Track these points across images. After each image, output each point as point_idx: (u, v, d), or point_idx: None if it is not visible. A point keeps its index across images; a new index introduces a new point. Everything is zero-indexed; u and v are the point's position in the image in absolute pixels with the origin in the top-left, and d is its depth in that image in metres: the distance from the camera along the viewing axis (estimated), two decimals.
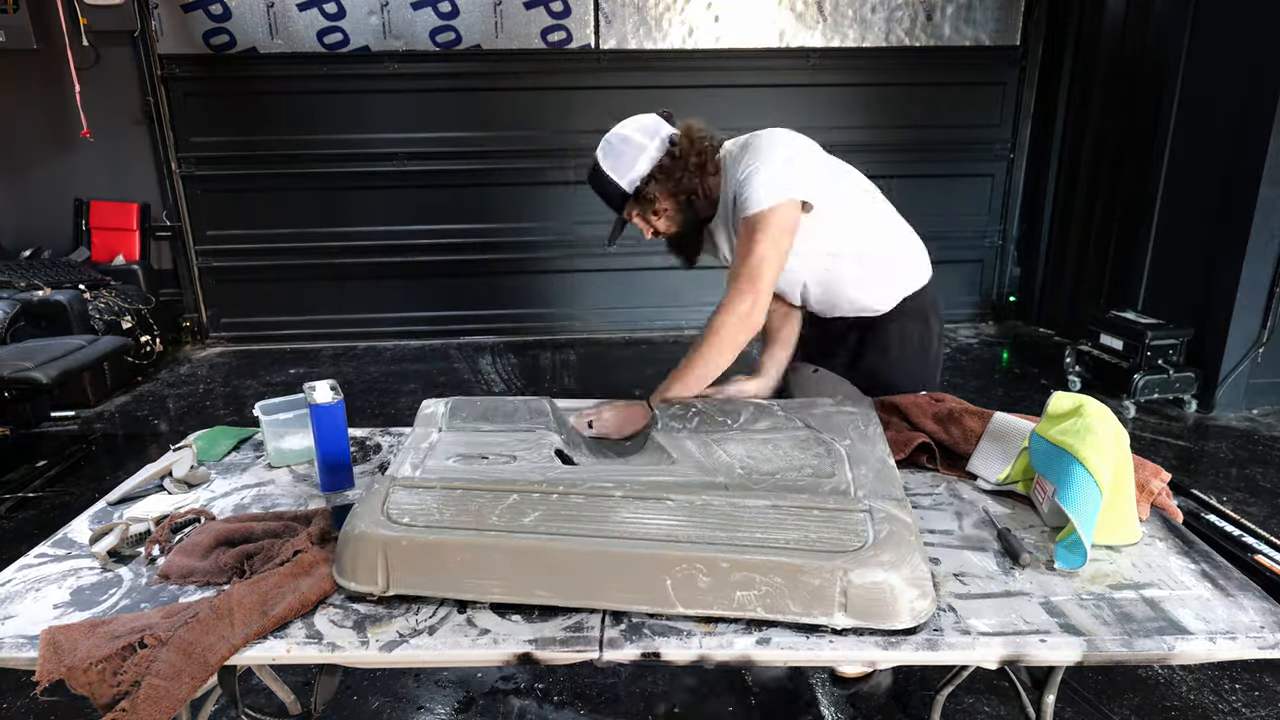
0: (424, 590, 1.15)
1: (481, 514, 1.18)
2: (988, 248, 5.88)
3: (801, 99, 5.42)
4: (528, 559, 1.12)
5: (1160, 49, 4.46)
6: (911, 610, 1.07)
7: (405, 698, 2.16)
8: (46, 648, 1.04)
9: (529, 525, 1.16)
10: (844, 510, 1.18)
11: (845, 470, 1.35)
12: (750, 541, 1.11)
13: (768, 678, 2.21)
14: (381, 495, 1.22)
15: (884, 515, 1.16)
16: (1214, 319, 4.07)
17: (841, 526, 1.14)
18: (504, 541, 1.13)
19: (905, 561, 1.09)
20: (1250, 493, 3.26)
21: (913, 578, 1.08)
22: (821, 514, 1.17)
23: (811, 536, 1.12)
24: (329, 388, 1.52)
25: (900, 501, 1.23)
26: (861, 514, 1.17)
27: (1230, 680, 2.19)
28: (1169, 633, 1.08)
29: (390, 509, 1.19)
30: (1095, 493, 1.22)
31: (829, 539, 1.12)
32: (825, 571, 1.07)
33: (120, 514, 1.45)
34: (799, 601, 1.07)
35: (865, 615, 1.06)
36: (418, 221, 5.56)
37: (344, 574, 1.16)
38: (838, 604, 1.06)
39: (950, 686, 1.91)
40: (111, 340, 3.89)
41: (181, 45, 5.09)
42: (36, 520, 3.13)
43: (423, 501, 1.21)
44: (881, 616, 1.06)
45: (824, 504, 1.19)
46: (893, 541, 1.11)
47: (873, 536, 1.12)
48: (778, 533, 1.13)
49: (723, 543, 1.11)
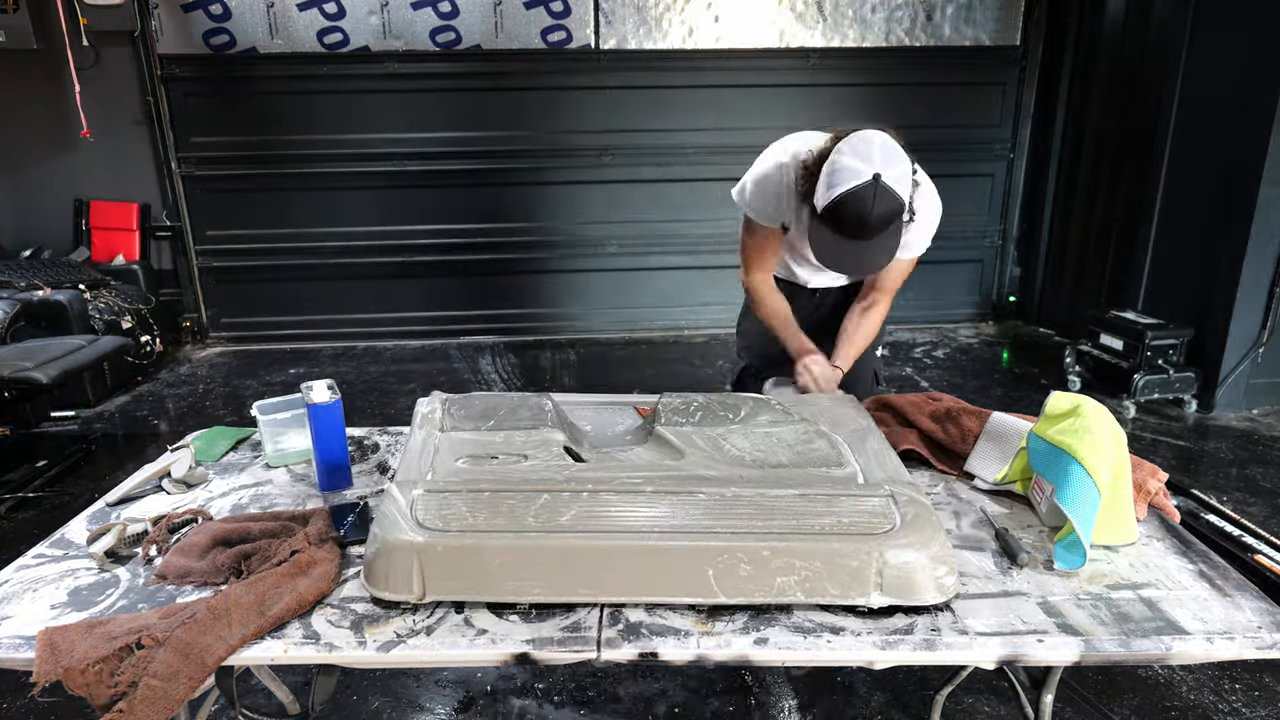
0: (463, 595, 1.14)
1: (516, 515, 1.17)
2: (988, 248, 5.88)
3: (801, 99, 5.41)
4: (569, 558, 1.13)
5: (1160, 49, 4.45)
6: (939, 586, 1.12)
7: (405, 698, 2.16)
8: (44, 649, 1.04)
9: (567, 525, 1.16)
10: (868, 495, 1.22)
11: (852, 459, 1.38)
12: (787, 529, 1.15)
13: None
14: (408, 500, 1.20)
15: (906, 499, 1.20)
16: (1214, 319, 4.06)
17: (869, 510, 1.18)
18: (544, 542, 1.13)
19: (933, 540, 1.13)
20: (1250, 493, 3.26)
21: (939, 555, 1.13)
22: (848, 500, 1.21)
23: (844, 521, 1.16)
24: (326, 387, 1.52)
25: (914, 485, 1.26)
26: (885, 498, 1.21)
27: (1230, 680, 2.19)
28: (1167, 633, 1.08)
29: (420, 514, 1.17)
30: (1094, 493, 1.22)
31: (860, 523, 1.16)
32: (862, 553, 1.11)
33: (118, 514, 1.45)
34: (838, 584, 1.11)
35: (899, 593, 1.11)
36: (418, 221, 5.55)
37: (376, 584, 1.15)
38: (874, 584, 1.10)
39: (950, 686, 1.91)
40: (111, 340, 3.89)
41: (181, 45, 5.09)
42: (36, 520, 3.13)
43: (452, 505, 1.19)
44: (913, 594, 1.11)
45: (848, 490, 1.23)
46: (919, 522, 1.15)
47: (900, 519, 1.16)
48: (811, 520, 1.16)
49: (760, 532, 1.14)
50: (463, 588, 1.14)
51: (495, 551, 1.13)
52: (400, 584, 1.13)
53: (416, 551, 1.12)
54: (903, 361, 5.07)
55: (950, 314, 5.97)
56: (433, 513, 1.18)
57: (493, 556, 1.13)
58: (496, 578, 1.13)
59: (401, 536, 1.14)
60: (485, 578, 1.13)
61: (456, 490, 1.23)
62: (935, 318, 5.93)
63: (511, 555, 1.13)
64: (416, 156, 5.41)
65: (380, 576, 1.14)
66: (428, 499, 1.20)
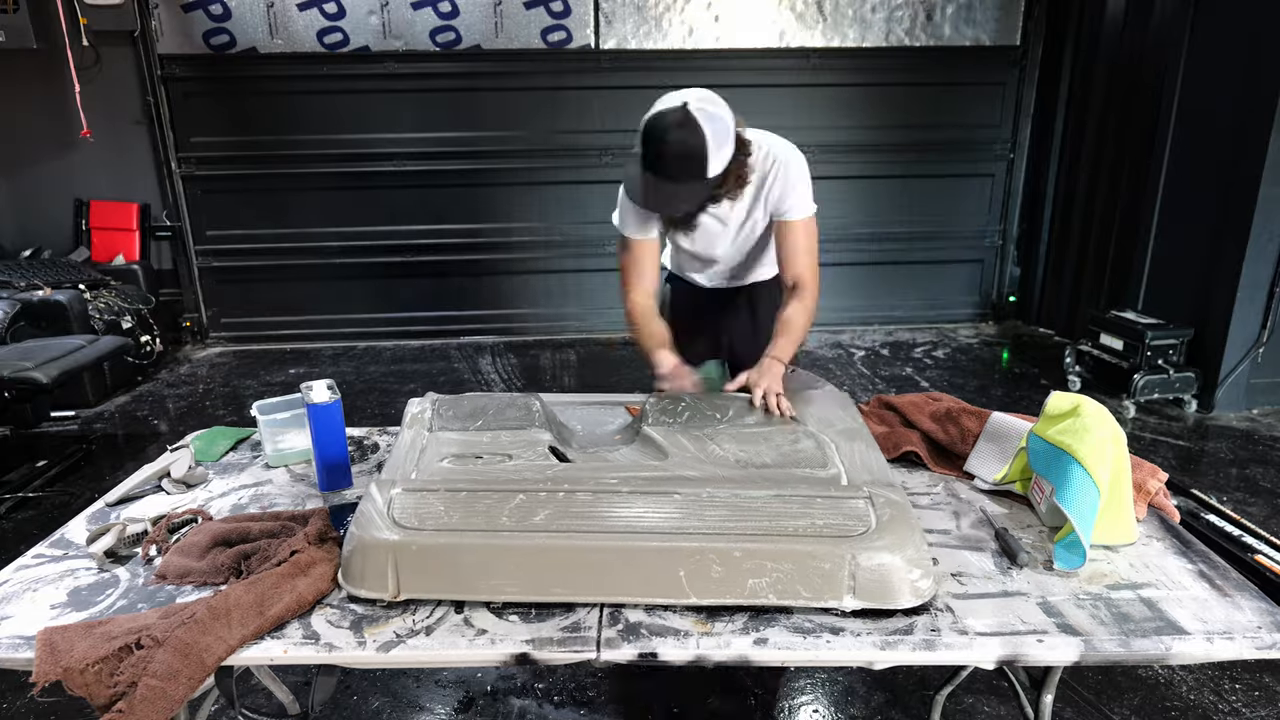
0: (436, 594, 1.14)
1: (491, 514, 1.17)
2: (988, 247, 5.88)
3: (801, 99, 5.42)
4: (541, 557, 1.13)
5: (1160, 49, 4.45)
6: (914, 589, 1.11)
7: (405, 698, 2.16)
8: (43, 649, 1.03)
9: (540, 524, 1.16)
10: (846, 497, 1.21)
11: (837, 460, 1.37)
12: (760, 530, 1.14)
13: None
14: (385, 500, 1.20)
15: (883, 501, 1.19)
16: (1214, 319, 4.06)
17: (845, 513, 1.17)
18: (516, 541, 1.14)
19: (908, 543, 1.12)
20: (1250, 493, 3.26)
21: (915, 558, 1.12)
22: (825, 502, 1.20)
23: (818, 523, 1.15)
24: (326, 387, 1.52)
25: (895, 487, 1.26)
26: (863, 500, 1.20)
27: (1230, 680, 2.19)
28: (1166, 633, 1.08)
29: (396, 513, 1.18)
30: (1094, 493, 1.22)
31: (834, 525, 1.15)
32: (834, 556, 1.10)
33: (117, 514, 1.45)
34: (810, 587, 1.11)
35: (872, 596, 1.10)
36: (418, 221, 5.55)
37: (352, 581, 1.16)
38: (846, 587, 1.10)
39: (949, 686, 1.91)
40: (111, 340, 3.88)
41: (181, 45, 5.09)
42: (36, 520, 3.13)
43: (429, 504, 1.20)
44: (887, 597, 1.10)
45: (826, 492, 1.22)
46: (894, 525, 1.15)
47: (875, 521, 1.15)
48: (785, 521, 1.16)
49: (733, 533, 1.14)
50: (436, 586, 1.14)
51: (468, 550, 1.13)
52: (375, 582, 1.14)
53: (391, 550, 1.13)
54: (903, 361, 5.07)
55: (950, 314, 5.97)
56: (409, 512, 1.18)
57: (465, 555, 1.13)
58: (469, 577, 1.13)
59: (376, 535, 1.14)
60: (458, 577, 1.13)
61: (435, 489, 1.23)
62: (935, 318, 5.93)
63: (484, 554, 1.13)
64: (416, 156, 5.41)
65: (356, 574, 1.15)
66: (405, 498, 1.21)
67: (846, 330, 5.74)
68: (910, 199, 5.65)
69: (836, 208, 5.47)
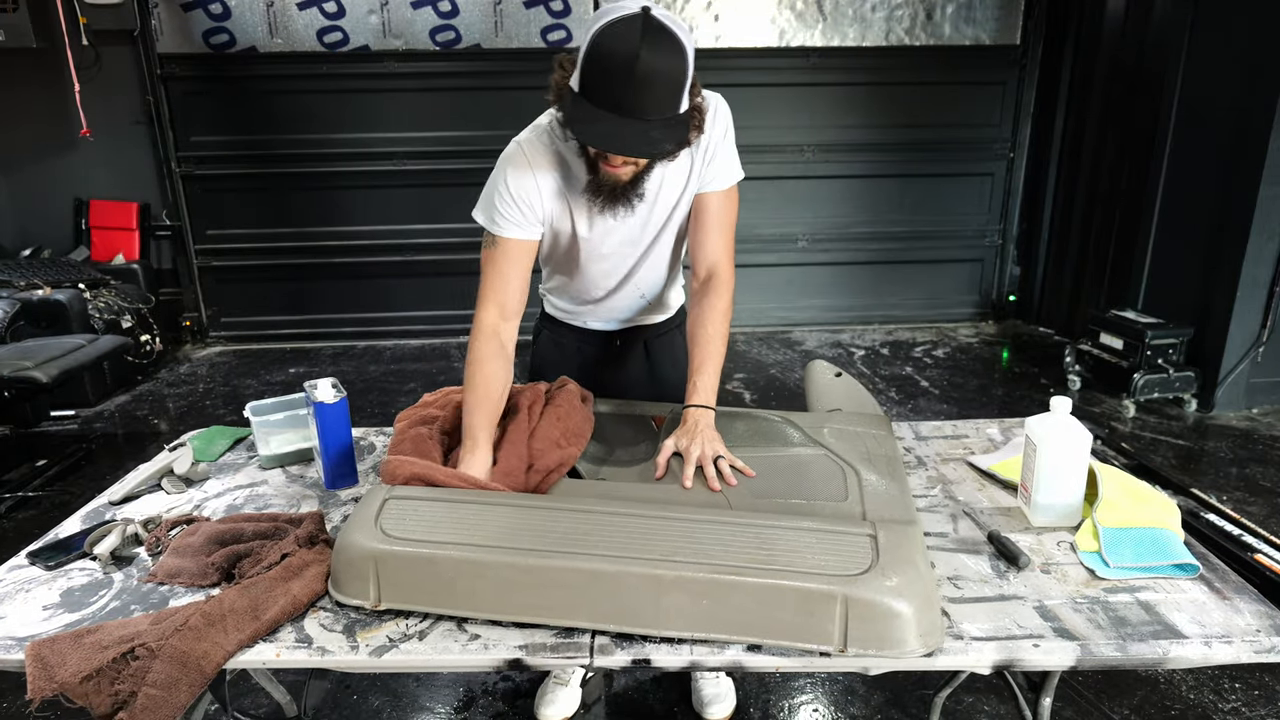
0: (415, 605, 1.13)
1: (475, 529, 1.15)
2: (987, 247, 5.87)
3: (801, 98, 5.40)
4: (518, 576, 1.09)
5: (1160, 49, 4.44)
6: (921, 639, 1.03)
7: (405, 697, 2.16)
8: (34, 664, 1.01)
9: (522, 542, 1.12)
10: (847, 533, 1.13)
11: (857, 490, 1.30)
12: (749, 563, 1.07)
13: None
14: (375, 507, 1.19)
15: (890, 540, 1.11)
16: (1214, 319, 4.06)
17: (844, 550, 1.09)
18: (495, 558, 1.10)
19: (910, 587, 1.03)
20: (1250, 492, 3.25)
21: (919, 604, 1.03)
22: (825, 537, 1.12)
23: (811, 560, 1.07)
24: (330, 386, 1.52)
25: (911, 524, 1.19)
26: (866, 538, 1.11)
27: (1230, 680, 2.18)
28: (1164, 637, 1.07)
29: (384, 521, 1.16)
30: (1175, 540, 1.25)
31: (829, 563, 1.07)
32: (823, 596, 1.02)
33: (114, 515, 1.45)
34: (792, 628, 1.04)
35: (867, 643, 1.02)
36: (418, 221, 5.55)
37: (337, 586, 1.15)
38: (838, 631, 1.03)
39: (949, 687, 1.91)
40: (111, 340, 3.88)
41: (181, 45, 5.09)
42: (36, 520, 3.13)
43: (418, 513, 1.18)
44: (885, 644, 1.02)
45: (827, 526, 1.14)
46: (897, 566, 1.06)
47: (876, 561, 1.07)
48: (780, 555, 1.08)
49: (720, 564, 1.07)
50: (416, 598, 1.12)
51: (448, 564, 1.10)
52: (357, 589, 1.13)
53: (373, 558, 1.11)
54: (902, 361, 5.06)
55: (950, 313, 5.96)
56: (396, 520, 1.16)
57: (445, 569, 1.10)
58: (449, 591, 1.10)
59: (360, 542, 1.13)
60: (437, 590, 1.11)
61: (425, 499, 1.21)
62: (935, 317, 5.92)
63: (463, 569, 1.10)
64: (416, 156, 5.40)
65: (341, 579, 1.14)
66: (396, 505, 1.19)
67: (846, 329, 5.73)
68: (910, 198, 5.63)
69: (836, 207, 5.43)
